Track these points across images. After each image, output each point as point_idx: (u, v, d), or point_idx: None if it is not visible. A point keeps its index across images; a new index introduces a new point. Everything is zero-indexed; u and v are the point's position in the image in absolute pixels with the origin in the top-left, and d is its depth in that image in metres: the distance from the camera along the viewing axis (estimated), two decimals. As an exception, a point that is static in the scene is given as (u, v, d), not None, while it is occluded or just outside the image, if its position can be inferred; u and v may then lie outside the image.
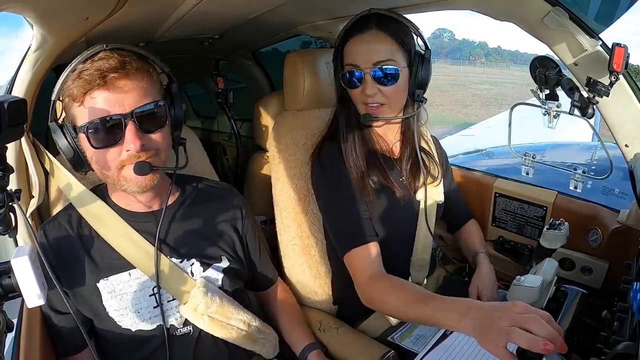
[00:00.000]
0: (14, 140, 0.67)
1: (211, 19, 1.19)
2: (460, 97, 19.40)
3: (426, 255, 1.11)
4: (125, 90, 0.72)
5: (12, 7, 0.62)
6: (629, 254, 0.91)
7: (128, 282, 0.82)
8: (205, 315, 0.85)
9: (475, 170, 1.51)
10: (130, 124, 0.72)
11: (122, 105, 0.72)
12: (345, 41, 0.98)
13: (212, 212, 0.92)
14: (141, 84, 0.74)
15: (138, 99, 0.73)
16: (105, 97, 0.71)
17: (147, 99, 0.75)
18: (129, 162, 0.74)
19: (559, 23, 0.90)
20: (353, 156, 1.00)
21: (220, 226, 0.92)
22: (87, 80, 0.70)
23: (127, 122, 0.72)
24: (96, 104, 0.72)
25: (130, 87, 0.73)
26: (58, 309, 0.81)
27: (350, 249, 0.96)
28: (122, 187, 0.77)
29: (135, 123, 0.73)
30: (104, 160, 0.75)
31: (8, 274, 0.59)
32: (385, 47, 0.94)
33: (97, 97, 0.71)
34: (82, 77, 0.71)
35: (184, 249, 0.87)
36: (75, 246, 0.81)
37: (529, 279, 0.90)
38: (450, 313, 0.72)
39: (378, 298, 0.90)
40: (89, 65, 0.71)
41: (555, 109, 1.00)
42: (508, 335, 0.61)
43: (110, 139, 0.73)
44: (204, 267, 0.88)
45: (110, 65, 0.71)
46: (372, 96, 0.95)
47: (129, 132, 0.72)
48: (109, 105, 0.72)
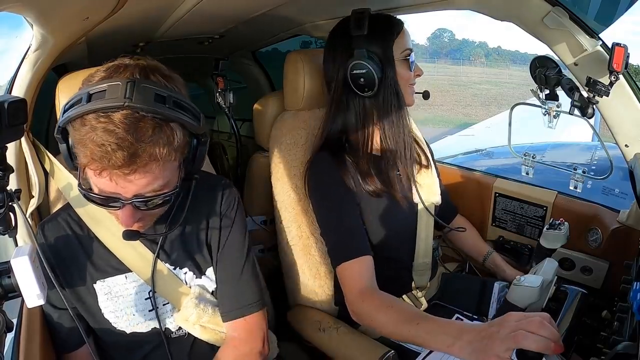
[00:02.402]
0: (14, 140, 0.68)
1: (211, 19, 1.19)
2: (460, 97, 19.41)
3: (428, 259, 1.11)
4: (130, 181, 0.64)
5: (12, 7, 0.62)
6: (629, 254, 0.91)
7: (124, 285, 0.82)
8: (197, 325, 0.84)
9: (475, 170, 1.51)
10: (127, 207, 0.67)
11: (125, 190, 0.65)
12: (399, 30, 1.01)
13: (205, 215, 0.87)
14: (150, 172, 0.65)
15: (143, 187, 0.66)
16: (106, 183, 0.64)
17: (155, 184, 0.67)
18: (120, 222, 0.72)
19: (559, 23, 0.90)
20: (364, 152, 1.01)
21: (212, 226, 0.87)
22: (90, 159, 0.61)
23: (125, 204, 0.67)
24: (95, 181, 0.66)
25: (136, 178, 0.64)
26: (57, 306, 0.81)
27: (341, 262, 0.95)
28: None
29: (134, 206, 0.67)
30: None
31: (8, 274, 0.59)
32: None
33: (98, 177, 0.64)
34: (87, 147, 0.61)
35: (178, 255, 0.85)
36: (74, 246, 0.81)
37: (529, 279, 0.90)
38: (442, 336, 0.72)
39: (367, 315, 0.88)
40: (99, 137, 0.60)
41: (555, 109, 1.00)
42: (515, 340, 0.61)
43: (105, 206, 0.68)
44: (197, 275, 0.86)
45: (116, 161, 0.60)
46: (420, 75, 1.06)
47: (124, 213, 0.68)
48: (111, 185, 0.65)
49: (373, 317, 0.87)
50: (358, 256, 0.94)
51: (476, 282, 1.17)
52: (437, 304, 1.15)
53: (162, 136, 0.64)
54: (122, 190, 0.65)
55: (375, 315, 0.86)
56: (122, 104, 0.60)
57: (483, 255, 1.24)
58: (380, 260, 0.98)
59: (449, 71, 33.57)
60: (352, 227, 0.97)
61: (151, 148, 0.63)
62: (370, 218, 1.01)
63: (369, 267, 0.94)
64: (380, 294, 0.90)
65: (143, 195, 0.67)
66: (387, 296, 0.89)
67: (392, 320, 0.82)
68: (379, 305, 0.87)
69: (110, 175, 0.63)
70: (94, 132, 0.61)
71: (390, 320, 0.83)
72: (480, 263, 1.25)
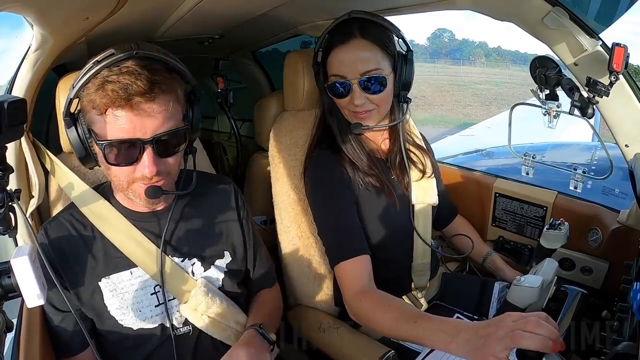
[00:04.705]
0: (14, 140, 0.68)
1: (211, 19, 1.19)
2: (460, 97, 19.41)
3: (426, 259, 1.11)
4: (149, 114, 0.70)
5: (12, 7, 0.62)
6: (629, 254, 0.91)
7: (129, 281, 0.83)
8: (205, 315, 0.85)
9: (475, 170, 1.51)
10: (149, 149, 0.71)
11: (143, 129, 0.70)
12: (328, 51, 0.96)
13: (212, 208, 0.92)
14: (166, 108, 0.72)
15: (160, 124, 0.71)
16: (128, 118, 0.69)
17: (170, 124, 0.73)
18: (140, 181, 0.75)
19: (559, 23, 0.90)
20: (355, 157, 1.00)
21: (220, 220, 0.92)
22: (112, 97, 0.67)
23: (146, 147, 0.71)
24: (117, 123, 0.69)
25: (155, 111, 0.70)
26: (60, 308, 0.81)
27: (339, 262, 0.94)
28: (131, 197, 0.78)
29: (154, 148, 0.72)
30: (115, 174, 0.75)
31: (8, 274, 0.59)
32: (371, 56, 0.93)
33: (120, 116, 0.69)
34: (106, 90, 0.67)
35: (185, 248, 0.87)
36: (77, 245, 0.81)
37: (529, 279, 0.90)
38: (441, 334, 0.72)
39: (366, 314, 0.88)
40: (115, 78, 0.67)
41: (555, 109, 1.00)
42: (513, 339, 0.61)
43: (126, 159, 0.72)
44: (205, 267, 0.88)
45: (138, 88, 0.67)
46: (361, 105, 0.95)
47: (147, 157, 0.72)
48: (130, 127, 0.69)
49: (372, 315, 0.87)
50: (356, 255, 0.94)
51: (476, 282, 1.17)
52: (437, 304, 1.15)
53: (172, 79, 0.73)
54: (141, 130, 0.70)
55: (375, 314, 0.86)
56: (133, 53, 0.69)
57: (482, 256, 1.24)
58: (379, 260, 0.98)
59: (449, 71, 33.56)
60: (350, 226, 0.97)
61: (166, 83, 0.71)
62: (367, 218, 1.01)
63: (367, 266, 0.94)
64: (379, 292, 0.90)
65: (160, 134, 0.71)
66: (386, 295, 0.89)
67: (391, 318, 0.83)
68: (379, 303, 0.87)
69: (132, 107, 0.68)
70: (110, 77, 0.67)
71: (390, 318, 0.83)
72: (480, 264, 1.25)
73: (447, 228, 1.31)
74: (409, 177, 1.07)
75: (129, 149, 0.71)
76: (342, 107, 1.00)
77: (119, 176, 0.75)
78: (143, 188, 0.75)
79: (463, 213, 1.35)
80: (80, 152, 0.76)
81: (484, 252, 1.24)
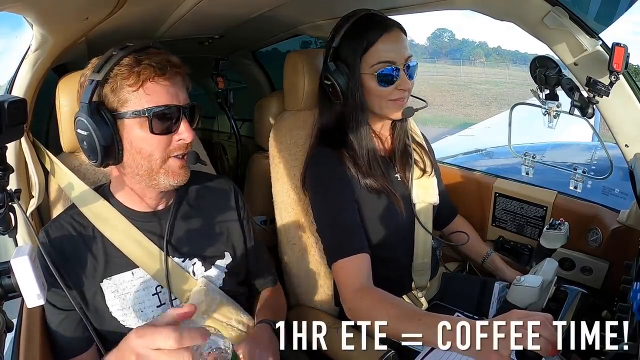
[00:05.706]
0: (14, 140, 0.68)
1: (211, 19, 1.19)
2: (460, 97, 19.41)
3: (427, 259, 1.11)
4: (180, 85, 0.78)
5: (12, 7, 0.62)
6: (629, 254, 0.91)
7: (131, 282, 0.82)
8: (206, 314, 0.85)
9: (475, 170, 1.51)
10: (184, 116, 0.78)
11: (178, 98, 0.77)
12: (372, 40, 0.95)
13: (212, 208, 0.92)
14: (186, 84, 0.80)
15: (185, 97, 0.79)
16: (167, 87, 0.75)
17: (189, 98, 0.81)
18: (177, 151, 0.78)
19: (559, 23, 0.90)
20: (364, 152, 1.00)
21: (221, 220, 0.92)
22: (151, 69, 0.73)
23: (183, 115, 0.77)
24: (159, 91, 0.75)
25: (181, 84, 0.79)
26: (61, 307, 0.81)
27: (337, 259, 0.94)
28: (158, 180, 0.79)
29: (187, 116, 0.78)
30: (151, 152, 0.77)
31: (8, 274, 0.59)
32: (406, 43, 0.98)
33: (162, 85, 0.75)
34: (143, 64, 0.73)
35: (186, 248, 0.87)
36: (78, 246, 0.81)
37: (529, 279, 0.90)
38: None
39: (366, 312, 0.87)
40: (145, 57, 0.74)
41: (555, 108, 1.00)
42: (517, 338, 0.61)
43: (169, 127, 0.76)
44: (206, 267, 0.88)
45: (173, 60, 0.76)
46: (408, 90, 0.98)
47: (185, 123, 0.77)
48: (170, 94, 0.76)
49: (372, 313, 0.85)
50: (356, 253, 0.93)
51: (476, 282, 1.17)
52: (437, 304, 1.15)
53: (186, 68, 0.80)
54: (177, 99, 0.77)
55: (375, 311, 0.85)
56: (150, 44, 0.77)
57: (482, 256, 1.24)
58: (379, 260, 0.98)
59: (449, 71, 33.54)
60: (350, 224, 0.97)
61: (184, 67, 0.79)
62: (368, 216, 1.01)
63: (367, 264, 0.94)
64: (379, 290, 0.90)
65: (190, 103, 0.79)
66: (384, 293, 0.89)
67: (393, 315, 0.82)
68: (380, 301, 0.86)
69: (169, 77, 0.75)
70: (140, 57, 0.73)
71: (392, 315, 0.82)
72: (480, 264, 1.25)
73: (447, 228, 1.31)
74: (412, 174, 1.07)
75: (169, 117, 0.76)
76: (383, 96, 0.97)
77: (155, 153, 0.76)
78: (178, 163, 0.79)
79: (463, 213, 1.35)
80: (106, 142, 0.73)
81: (483, 252, 1.24)
